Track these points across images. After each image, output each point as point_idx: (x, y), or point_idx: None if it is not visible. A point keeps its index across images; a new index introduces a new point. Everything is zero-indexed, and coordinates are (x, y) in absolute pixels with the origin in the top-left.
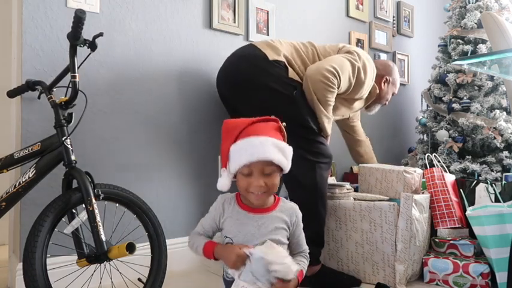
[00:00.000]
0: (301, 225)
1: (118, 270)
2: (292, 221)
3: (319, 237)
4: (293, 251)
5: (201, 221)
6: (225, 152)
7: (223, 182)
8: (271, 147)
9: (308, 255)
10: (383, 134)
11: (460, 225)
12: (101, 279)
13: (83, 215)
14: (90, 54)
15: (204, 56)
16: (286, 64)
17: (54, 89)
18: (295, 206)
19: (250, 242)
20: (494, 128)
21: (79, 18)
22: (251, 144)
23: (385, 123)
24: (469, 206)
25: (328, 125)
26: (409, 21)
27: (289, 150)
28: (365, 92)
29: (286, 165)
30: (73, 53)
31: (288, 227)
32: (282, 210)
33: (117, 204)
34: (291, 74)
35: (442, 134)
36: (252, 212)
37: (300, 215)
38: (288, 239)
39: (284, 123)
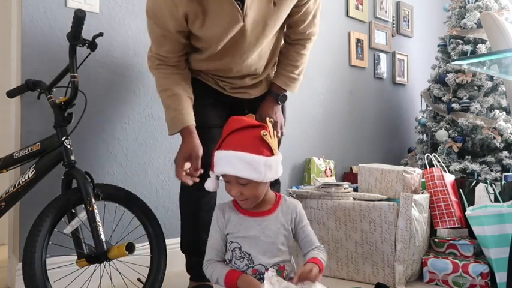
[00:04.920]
0: (306, 221)
1: (118, 270)
2: (293, 218)
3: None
4: (305, 248)
5: (208, 245)
6: (213, 155)
7: (209, 183)
8: (237, 163)
9: (323, 247)
10: (383, 134)
11: (459, 225)
12: (100, 279)
13: (83, 215)
14: (89, 54)
15: None
16: None
17: (54, 89)
18: (296, 202)
19: (256, 245)
20: (493, 128)
21: (78, 18)
22: (220, 158)
23: (384, 123)
24: (469, 206)
25: (169, 116)
26: (408, 21)
27: (262, 160)
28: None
29: (259, 176)
30: (72, 53)
31: (289, 225)
32: (283, 209)
33: (117, 204)
34: None
35: (442, 134)
36: (254, 216)
37: (302, 212)
38: (294, 236)
39: (264, 132)
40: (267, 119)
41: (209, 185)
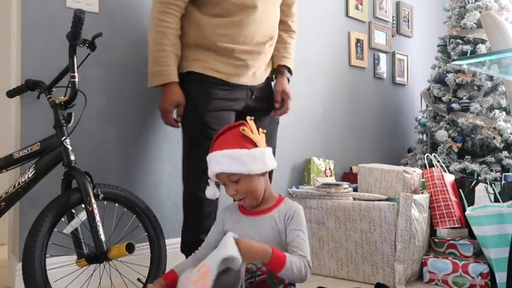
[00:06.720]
0: (299, 226)
1: (117, 270)
2: (285, 218)
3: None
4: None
5: (206, 237)
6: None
7: (208, 191)
8: (221, 160)
9: (308, 263)
10: (383, 134)
11: (459, 225)
12: (100, 279)
13: (82, 215)
14: (89, 54)
15: None
16: None
17: (54, 89)
18: (295, 205)
19: None
20: (493, 128)
21: (78, 18)
22: (209, 161)
23: (384, 123)
24: (469, 206)
25: (154, 68)
26: (408, 21)
27: (245, 153)
28: None
29: (245, 168)
30: (72, 53)
31: (283, 225)
32: (280, 209)
33: (117, 204)
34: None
35: (442, 134)
36: (251, 214)
37: (298, 215)
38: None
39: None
40: (247, 117)
41: (209, 192)
